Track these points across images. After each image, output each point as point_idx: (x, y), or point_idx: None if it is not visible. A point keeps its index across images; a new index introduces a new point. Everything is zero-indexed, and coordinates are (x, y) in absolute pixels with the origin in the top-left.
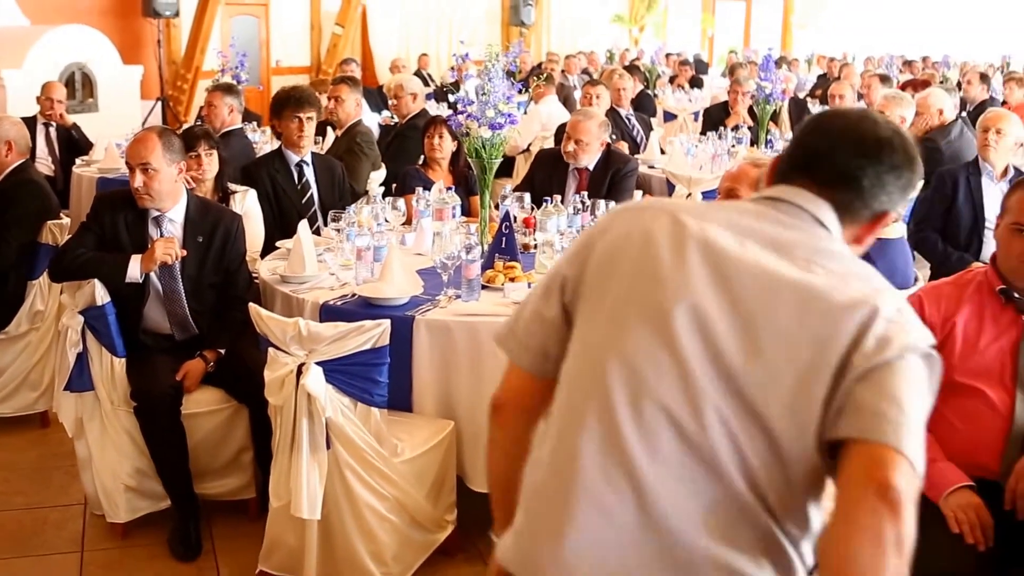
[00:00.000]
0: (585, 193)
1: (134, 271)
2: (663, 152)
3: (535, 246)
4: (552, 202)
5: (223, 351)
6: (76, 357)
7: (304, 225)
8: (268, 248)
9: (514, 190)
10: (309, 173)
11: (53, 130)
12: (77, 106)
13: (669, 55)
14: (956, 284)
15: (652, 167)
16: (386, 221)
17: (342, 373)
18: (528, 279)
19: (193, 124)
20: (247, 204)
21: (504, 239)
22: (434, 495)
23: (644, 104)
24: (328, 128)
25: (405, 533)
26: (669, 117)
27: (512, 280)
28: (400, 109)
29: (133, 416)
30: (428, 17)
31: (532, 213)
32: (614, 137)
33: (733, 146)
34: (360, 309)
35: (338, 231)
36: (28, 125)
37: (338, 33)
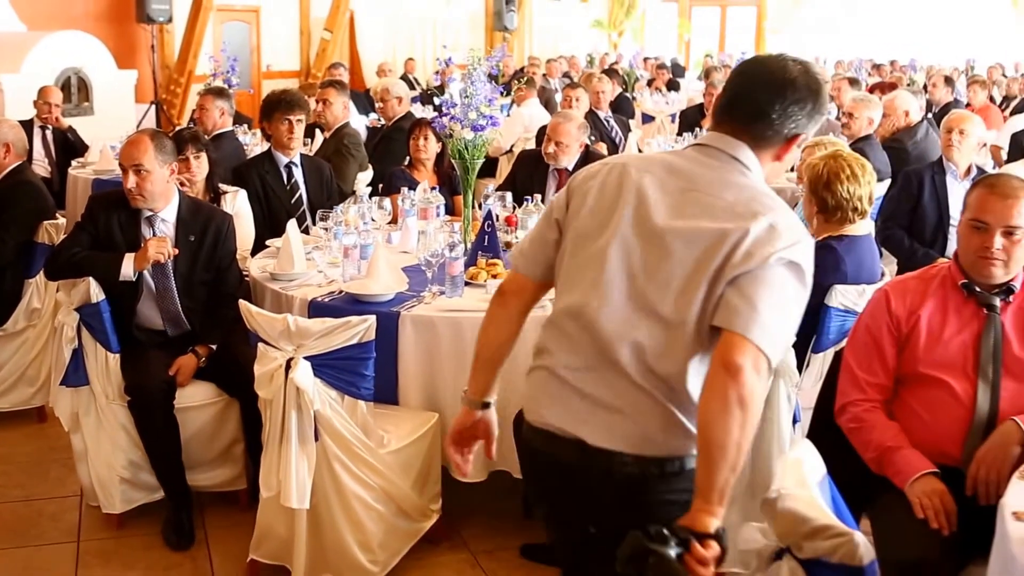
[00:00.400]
0: None
1: (127, 269)
2: (641, 152)
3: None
4: (533, 201)
5: (215, 347)
6: (72, 353)
7: (293, 224)
8: (258, 247)
9: (496, 190)
10: (298, 174)
11: (49, 133)
12: (73, 110)
13: (647, 59)
14: (921, 279)
15: None
16: (372, 220)
17: (330, 367)
18: None
19: (181, 128)
20: (238, 204)
21: (486, 237)
22: (419, 485)
23: (623, 106)
24: (316, 130)
25: (391, 522)
26: (647, 119)
27: (494, 277)
28: (386, 112)
29: (127, 410)
30: (414, 23)
31: (513, 212)
32: (593, 139)
33: None
34: (347, 305)
35: (326, 230)
36: (25, 128)
37: (327, 38)
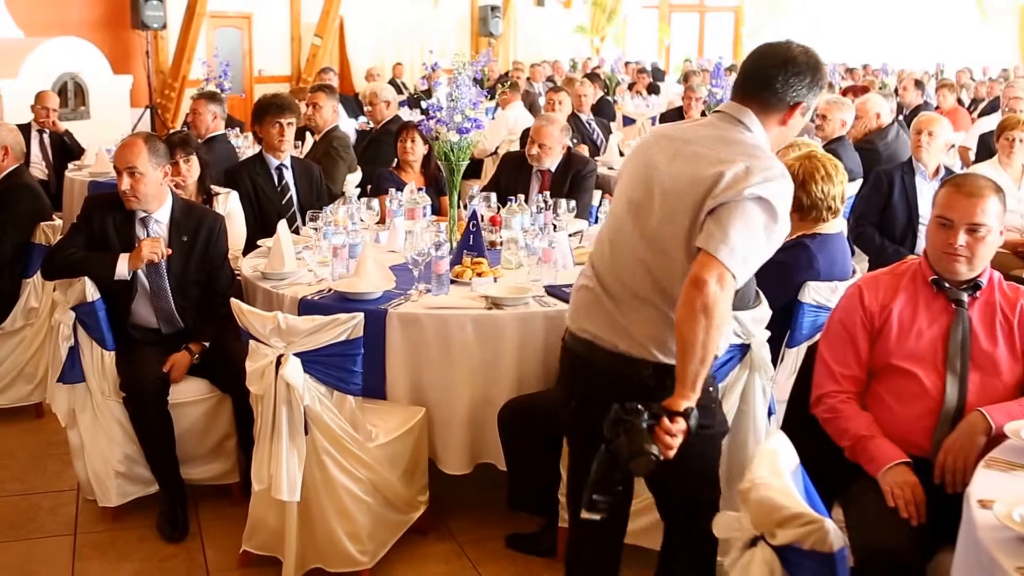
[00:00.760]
0: (547, 193)
1: (122, 269)
2: (622, 154)
3: (501, 243)
4: (516, 201)
5: (207, 344)
6: (68, 351)
7: (283, 225)
8: (250, 247)
9: (481, 191)
10: (288, 176)
11: (47, 136)
12: (70, 114)
13: (628, 63)
14: (892, 274)
15: (611, 168)
16: (361, 220)
17: (319, 363)
18: (494, 274)
19: (172, 132)
20: (229, 205)
21: (472, 236)
22: (407, 477)
23: (604, 109)
24: (307, 133)
25: (380, 513)
26: (628, 122)
27: (479, 275)
28: (375, 115)
29: (123, 406)
30: (402, 29)
31: (498, 212)
32: (575, 141)
33: None
34: (336, 303)
35: (316, 230)
36: (23, 132)
37: (317, 44)
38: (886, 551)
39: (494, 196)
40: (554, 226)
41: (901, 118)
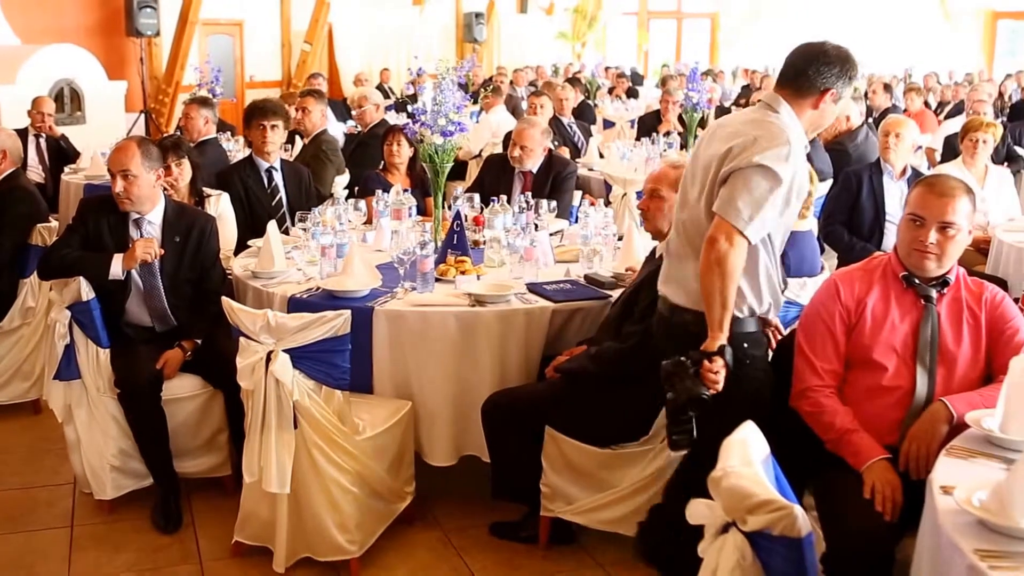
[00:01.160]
0: (529, 193)
1: (116, 269)
2: (602, 156)
3: (484, 242)
4: (499, 202)
5: (200, 341)
6: (64, 348)
7: (273, 225)
8: (241, 247)
9: (465, 192)
10: (278, 178)
11: (43, 141)
12: (66, 119)
13: (608, 68)
14: (864, 270)
15: (591, 169)
16: (348, 221)
17: (307, 359)
18: (477, 272)
19: (164, 136)
20: (221, 207)
21: (456, 236)
22: (394, 469)
23: (585, 113)
24: (296, 137)
25: (367, 504)
26: (608, 124)
27: (463, 273)
28: (363, 119)
29: (117, 402)
30: (389, 35)
31: (481, 212)
32: (556, 143)
33: (664, 150)
34: (324, 301)
35: (304, 230)
36: (20, 136)
37: (306, 50)
38: (858, 537)
39: (477, 197)
40: (535, 225)
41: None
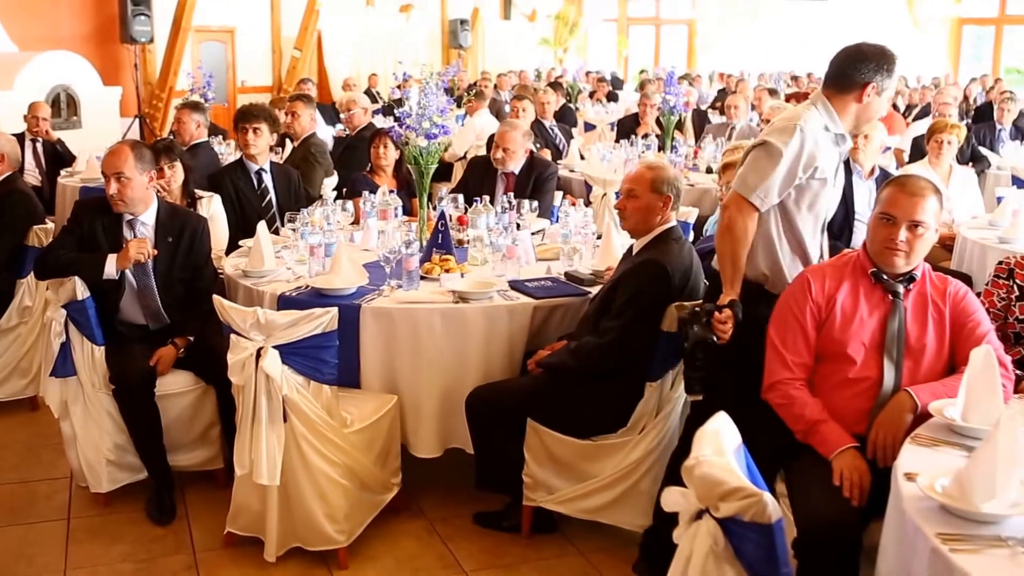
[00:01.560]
0: (511, 194)
1: (110, 269)
2: (582, 158)
3: (468, 241)
4: (482, 202)
5: (192, 338)
6: (60, 346)
7: (263, 226)
8: (232, 247)
9: (450, 193)
10: (268, 180)
11: (39, 145)
12: (63, 123)
13: (589, 73)
14: (835, 266)
15: (572, 171)
16: (337, 221)
17: (296, 355)
18: (461, 270)
19: (157, 140)
20: (212, 208)
21: (440, 235)
22: (381, 461)
23: (566, 116)
24: (286, 140)
25: (356, 495)
26: (589, 127)
27: (447, 271)
28: (351, 122)
29: (112, 398)
30: (377, 41)
31: (465, 212)
32: (538, 145)
33: (643, 152)
34: (313, 299)
35: (294, 231)
36: (17, 141)
37: (296, 56)
38: (827, 523)
39: (461, 197)
40: (517, 225)
41: None
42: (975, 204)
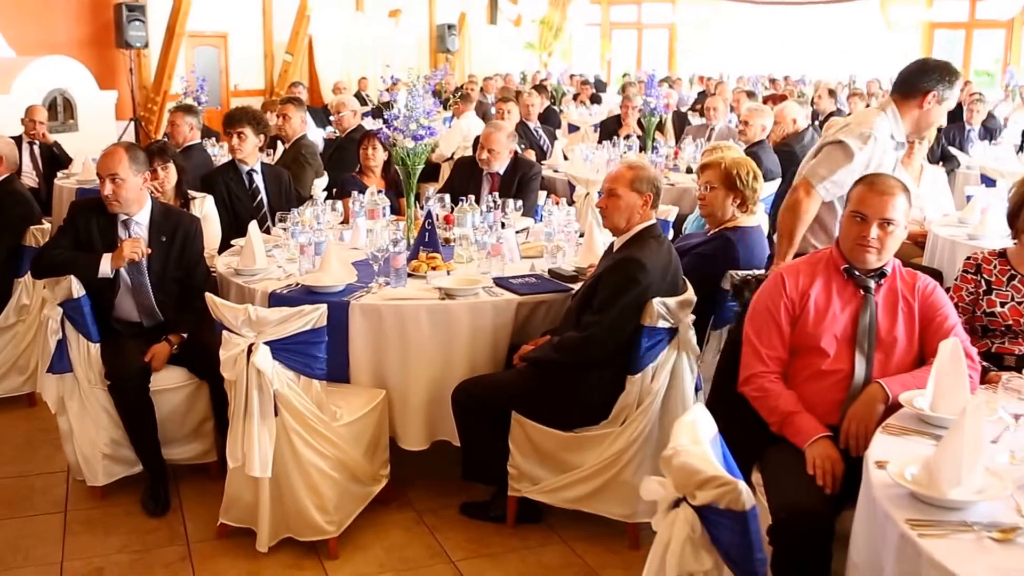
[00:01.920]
0: (496, 194)
1: (105, 268)
2: (566, 158)
3: (454, 239)
4: (468, 201)
5: (185, 335)
6: (56, 343)
7: (254, 225)
8: (224, 246)
9: (437, 192)
10: (259, 180)
11: (36, 147)
12: (59, 127)
13: (573, 76)
14: (808, 263)
15: (556, 171)
16: (327, 221)
17: (286, 351)
18: (448, 268)
19: (151, 142)
20: (205, 208)
21: (427, 234)
22: (370, 454)
23: (550, 118)
24: (277, 142)
25: (345, 487)
26: (573, 129)
27: (434, 268)
28: (341, 124)
29: (108, 393)
30: (366, 46)
31: (451, 211)
32: (523, 146)
33: (625, 152)
34: (303, 296)
35: (284, 230)
36: (15, 143)
37: (288, 60)
38: (801, 510)
39: (448, 197)
40: (502, 224)
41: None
42: (945, 202)
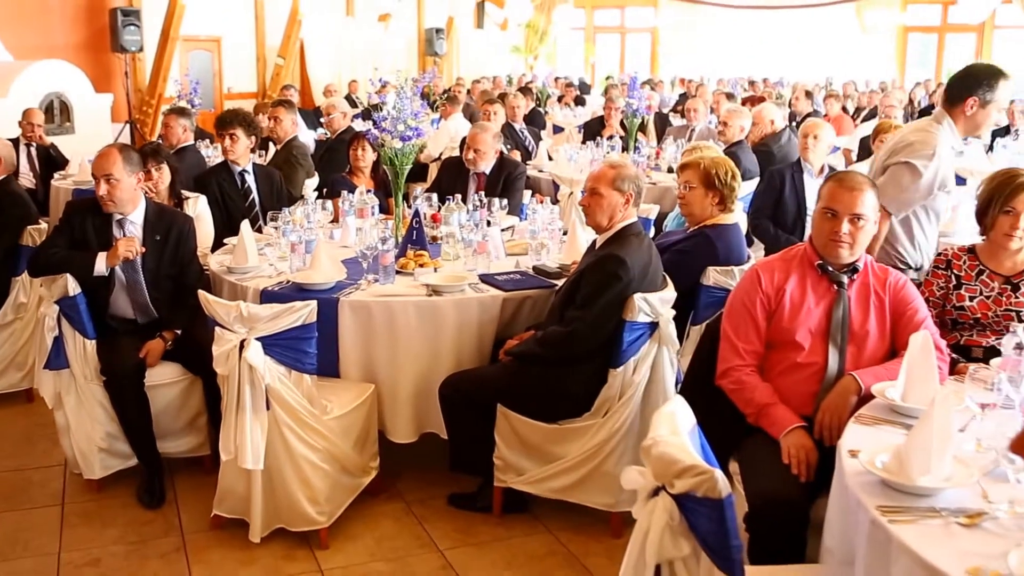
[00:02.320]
0: (483, 193)
1: (100, 266)
2: (551, 158)
3: (441, 237)
4: (454, 200)
5: (179, 332)
6: (53, 340)
7: (246, 225)
8: (217, 244)
9: (424, 192)
10: (251, 181)
11: (34, 149)
12: (56, 129)
13: (558, 79)
14: (783, 259)
15: (541, 171)
16: (317, 220)
17: (278, 346)
18: (435, 265)
19: (144, 144)
20: (198, 208)
21: (415, 232)
22: (359, 446)
23: (535, 119)
24: (269, 143)
25: (335, 478)
26: (558, 130)
27: (421, 266)
28: (331, 126)
29: (104, 389)
30: (356, 49)
31: (438, 210)
32: (509, 147)
33: (608, 153)
34: (294, 293)
35: (276, 229)
36: (12, 145)
37: (280, 63)
38: (777, 498)
39: (435, 196)
40: (488, 222)
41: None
42: None
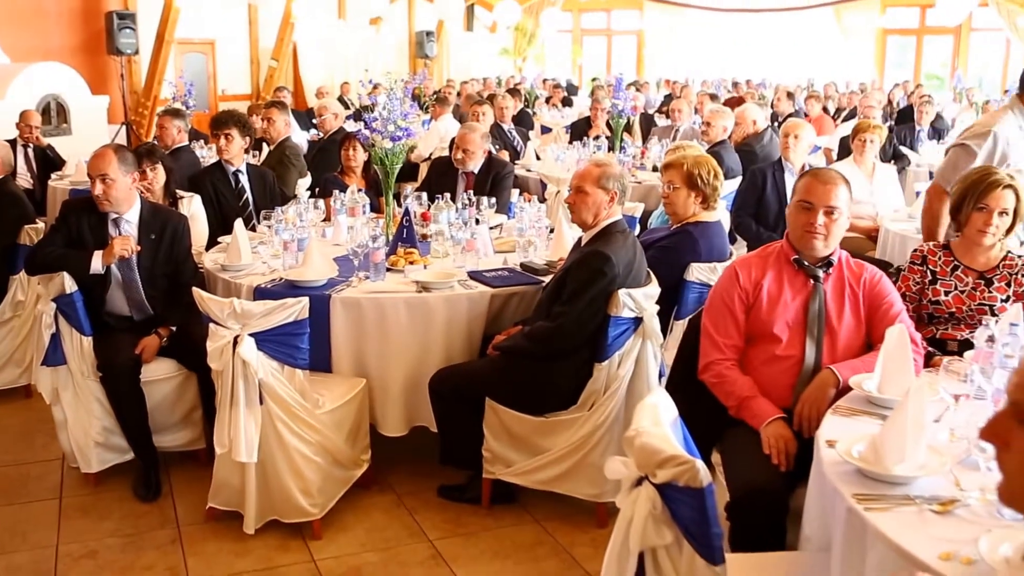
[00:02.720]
0: (471, 192)
1: (96, 264)
2: (539, 158)
3: (430, 235)
4: (444, 199)
5: (174, 328)
6: (50, 337)
7: (240, 223)
8: (212, 243)
9: (415, 191)
10: (245, 180)
11: (31, 150)
12: (53, 130)
13: (546, 80)
14: (760, 256)
15: (529, 170)
16: (309, 218)
17: (271, 342)
18: (425, 262)
19: (139, 145)
20: (193, 207)
21: (405, 230)
22: (351, 439)
23: (523, 120)
24: (263, 144)
25: (328, 471)
26: (545, 130)
27: (411, 263)
28: (323, 126)
29: (100, 384)
30: (348, 52)
31: (428, 209)
32: (498, 147)
33: (594, 152)
34: (286, 290)
35: (269, 227)
36: (10, 146)
37: (273, 66)
38: (758, 487)
39: (425, 195)
40: (476, 220)
41: (775, 124)
42: (896, 199)
